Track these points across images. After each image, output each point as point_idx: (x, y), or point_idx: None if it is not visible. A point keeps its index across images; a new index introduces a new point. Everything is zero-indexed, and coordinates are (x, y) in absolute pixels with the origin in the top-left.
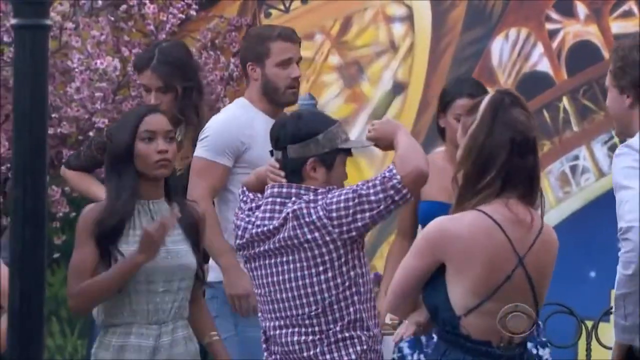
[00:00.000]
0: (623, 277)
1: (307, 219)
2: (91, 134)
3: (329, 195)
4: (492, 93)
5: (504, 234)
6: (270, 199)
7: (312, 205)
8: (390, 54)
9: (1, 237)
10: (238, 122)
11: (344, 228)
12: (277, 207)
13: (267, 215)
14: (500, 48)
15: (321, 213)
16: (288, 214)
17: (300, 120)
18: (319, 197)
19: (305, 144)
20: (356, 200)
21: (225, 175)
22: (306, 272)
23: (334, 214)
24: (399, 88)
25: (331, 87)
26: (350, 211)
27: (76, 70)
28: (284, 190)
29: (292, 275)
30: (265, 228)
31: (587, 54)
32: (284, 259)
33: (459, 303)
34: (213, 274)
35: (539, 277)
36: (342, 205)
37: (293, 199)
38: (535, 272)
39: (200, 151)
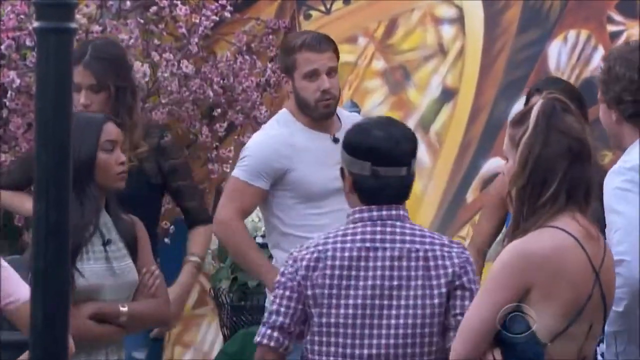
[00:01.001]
0: (614, 313)
1: None
2: None
3: None
4: (540, 100)
5: (584, 251)
6: None
7: None
8: (439, 58)
9: (22, 254)
10: (276, 143)
11: None
12: None
13: None
14: (558, 51)
15: None
16: None
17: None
18: None
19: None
20: None
21: (260, 197)
22: None
23: None
24: (448, 95)
25: (375, 93)
26: None
27: None
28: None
29: None
30: None
31: None
32: None
33: (544, 331)
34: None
35: (609, 295)
36: None
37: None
38: (607, 289)
39: (236, 171)
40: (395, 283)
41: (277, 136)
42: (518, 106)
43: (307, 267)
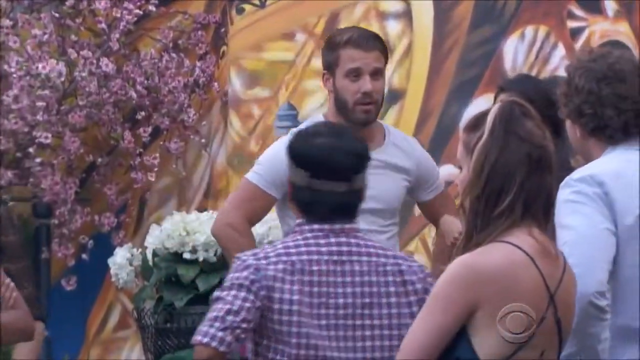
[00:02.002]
0: None
1: None
2: (32, 150)
3: None
4: (498, 103)
5: (537, 269)
6: None
7: None
8: None
9: None
10: None
11: None
12: None
13: None
14: (514, 49)
15: None
16: None
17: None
18: None
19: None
20: None
21: (270, 206)
22: None
23: None
24: (394, 96)
25: (315, 95)
26: None
27: (14, 75)
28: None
29: None
30: None
31: None
32: None
33: (490, 356)
34: None
35: (565, 319)
36: None
37: None
38: (563, 312)
39: (251, 174)
40: (367, 301)
41: None
42: (471, 109)
43: (274, 277)
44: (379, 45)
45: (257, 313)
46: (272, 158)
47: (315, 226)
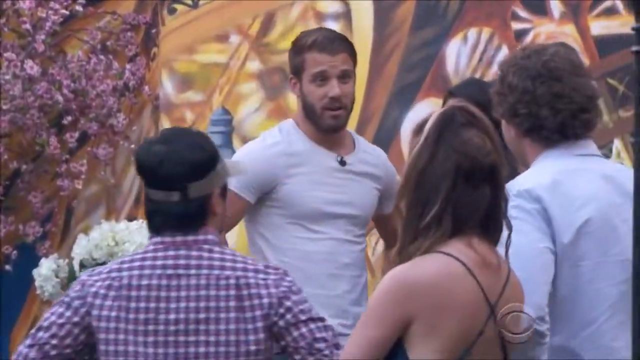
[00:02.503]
0: None
1: None
2: None
3: None
4: (443, 109)
5: (475, 280)
6: None
7: None
8: None
9: None
10: (271, 153)
11: None
12: None
13: None
14: (457, 52)
15: None
16: None
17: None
18: None
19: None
20: None
21: (244, 211)
22: None
23: None
24: None
25: (250, 99)
26: None
27: None
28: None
29: None
30: None
31: None
32: None
33: None
34: None
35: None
36: None
37: None
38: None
39: None
40: (202, 316)
41: (273, 145)
42: (413, 114)
43: (96, 294)
44: (346, 47)
45: (77, 330)
46: (249, 158)
47: (158, 239)
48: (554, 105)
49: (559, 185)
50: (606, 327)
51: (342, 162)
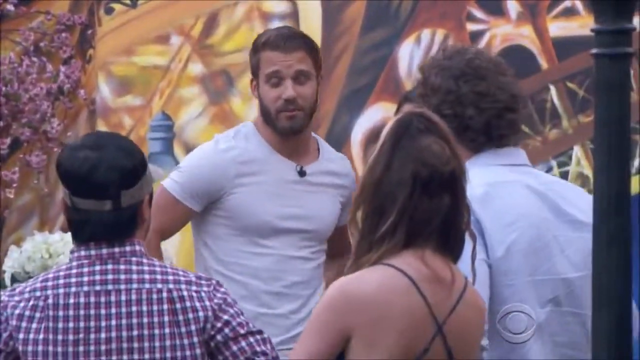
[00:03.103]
0: None
1: None
2: None
3: None
4: (399, 115)
5: (421, 295)
6: None
7: None
8: None
9: None
10: (222, 159)
11: None
12: None
13: None
14: (409, 54)
15: None
16: None
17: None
18: None
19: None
20: None
21: (187, 219)
22: None
23: None
24: None
25: (192, 103)
26: None
27: None
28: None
29: None
30: None
31: (519, 61)
32: None
33: None
34: None
35: (460, 350)
36: None
37: None
38: (457, 344)
39: (167, 181)
40: (135, 333)
41: (226, 151)
42: (363, 119)
43: (20, 316)
44: (304, 45)
45: (5, 357)
46: (198, 163)
47: (82, 253)
48: (479, 105)
49: (490, 198)
50: (534, 350)
51: (302, 173)
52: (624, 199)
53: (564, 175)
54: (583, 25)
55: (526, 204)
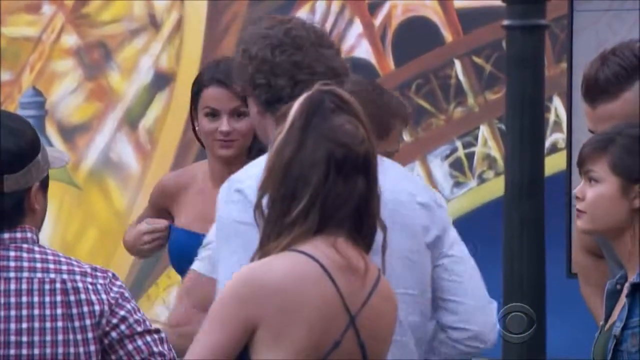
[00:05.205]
0: None
1: None
2: None
3: None
4: (309, 92)
5: (334, 285)
6: None
7: None
8: (149, 34)
9: None
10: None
11: None
12: None
13: None
14: None
15: None
16: None
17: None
18: None
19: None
20: None
21: None
22: None
23: None
24: (162, 81)
25: (66, 78)
26: None
27: None
28: None
29: None
30: None
31: (422, 35)
32: None
33: None
34: None
35: (373, 344)
36: None
37: None
38: (369, 337)
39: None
40: (25, 326)
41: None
42: None
43: None
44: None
45: None
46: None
47: None
48: (294, 75)
49: None
50: None
51: None
52: (537, 183)
53: (470, 157)
54: None
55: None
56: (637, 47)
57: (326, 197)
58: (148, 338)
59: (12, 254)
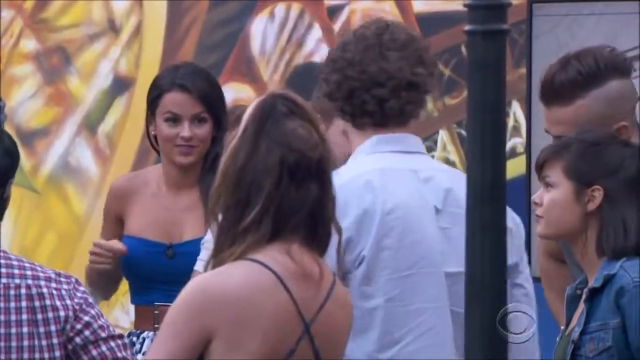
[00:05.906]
0: None
1: None
2: None
3: None
4: (261, 97)
5: (288, 293)
6: None
7: None
8: (108, 38)
9: None
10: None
11: None
12: None
13: None
14: (263, 30)
15: None
16: None
17: None
18: None
19: None
20: None
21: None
22: None
23: None
24: (121, 85)
25: (25, 82)
26: None
27: None
28: None
29: None
30: None
31: None
32: None
33: None
34: None
35: (328, 349)
36: None
37: None
38: (324, 342)
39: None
40: None
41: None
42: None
43: None
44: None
45: None
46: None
47: None
48: (345, 72)
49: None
50: (412, 348)
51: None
52: (499, 188)
53: None
54: (445, 2)
55: (408, 193)
56: (603, 53)
57: (280, 203)
58: (112, 344)
59: None
